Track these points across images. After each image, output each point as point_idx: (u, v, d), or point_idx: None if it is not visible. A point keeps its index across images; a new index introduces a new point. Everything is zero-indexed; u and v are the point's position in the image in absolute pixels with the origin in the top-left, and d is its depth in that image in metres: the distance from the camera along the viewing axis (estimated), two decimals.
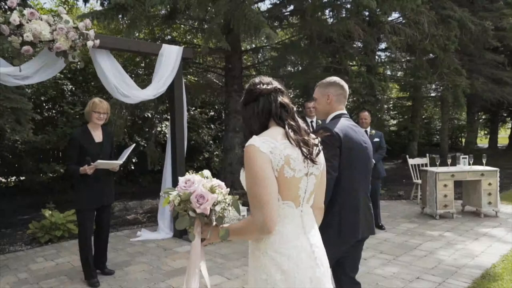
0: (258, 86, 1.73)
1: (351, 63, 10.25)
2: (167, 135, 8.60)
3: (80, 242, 4.06)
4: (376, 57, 10.91)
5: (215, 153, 11.84)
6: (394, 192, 9.02)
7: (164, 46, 5.21)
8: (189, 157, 8.45)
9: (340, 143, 2.28)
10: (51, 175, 9.12)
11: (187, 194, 1.60)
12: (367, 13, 8.87)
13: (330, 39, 8.26)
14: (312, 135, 1.73)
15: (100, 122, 4.05)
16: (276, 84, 1.75)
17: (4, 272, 4.42)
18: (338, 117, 2.45)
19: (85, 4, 9.91)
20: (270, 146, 1.55)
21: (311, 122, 6.08)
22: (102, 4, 9.05)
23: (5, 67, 4.03)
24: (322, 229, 1.93)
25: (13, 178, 9.24)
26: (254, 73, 11.45)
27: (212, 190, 1.64)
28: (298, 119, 1.71)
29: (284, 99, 1.71)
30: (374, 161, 5.91)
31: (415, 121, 14.58)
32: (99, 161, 3.85)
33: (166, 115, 9.81)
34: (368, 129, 6.06)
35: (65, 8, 4.17)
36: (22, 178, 9.12)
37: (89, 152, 3.94)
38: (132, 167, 9.96)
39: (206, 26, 8.03)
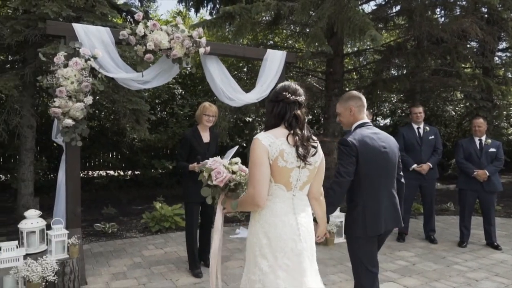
0: (283, 93, 2.10)
1: (464, 65, 9.40)
2: None
3: (187, 233, 4.38)
4: (496, 58, 9.84)
5: None
6: None
7: (269, 51, 5.36)
8: None
9: (357, 152, 2.58)
10: (160, 171, 9.99)
11: (209, 169, 2.26)
12: (485, 10, 8.07)
13: (441, 40, 7.69)
14: (314, 138, 2.11)
15: (209, 124, 4.34)
16: (299, 96, 2.11)
17: (122, 255, 4.98)
18: (361, 126, 2.75)
19: (196, 14, 10.69)
20: (269, 141, 1.99)
21: (418, 128, 5.70)
22: (211, 14, 9.68)
23: (130, 73, 4.53)
24: (349, 226, 2.72)
25: (129, 172, 10.31)
26: (355, 76, 11.17)
27: (231, 170, 2.22)
28: (305, 129, 2.08)
29: (298, 112, 2.08)
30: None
31: None
32: (207, 161, 4.10)
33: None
34: (483, 137, 5.48)
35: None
36: (137, 172, 10.15)
37: (197, 151, 4.24)
38: None
39: (308, 30, 8.07)
